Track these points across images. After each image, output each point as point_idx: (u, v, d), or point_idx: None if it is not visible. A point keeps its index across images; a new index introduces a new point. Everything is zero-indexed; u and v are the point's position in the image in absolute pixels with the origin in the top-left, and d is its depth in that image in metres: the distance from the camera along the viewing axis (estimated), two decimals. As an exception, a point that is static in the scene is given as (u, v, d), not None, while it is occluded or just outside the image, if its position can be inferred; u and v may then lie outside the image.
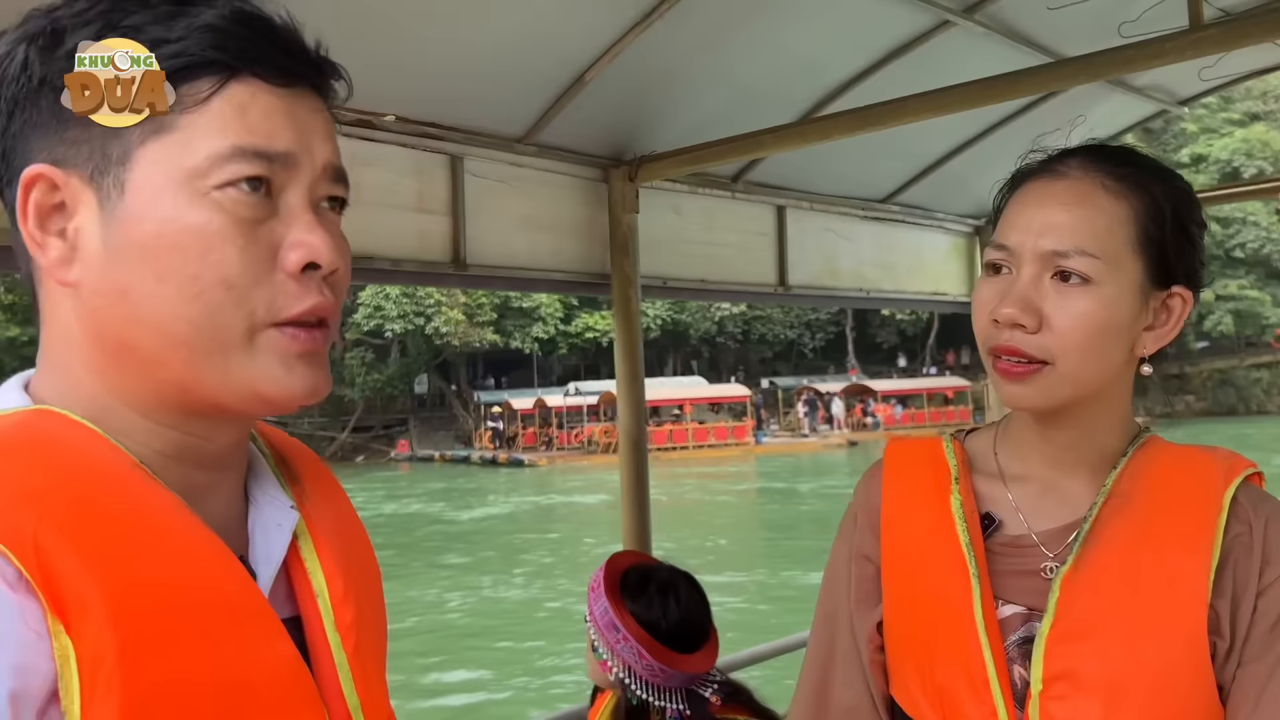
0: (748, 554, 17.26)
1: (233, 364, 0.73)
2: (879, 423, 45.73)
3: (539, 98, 2.73)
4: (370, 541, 0.94)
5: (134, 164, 0.72)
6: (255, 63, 0.73)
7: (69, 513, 0.65)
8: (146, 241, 0.71)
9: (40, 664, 0.62)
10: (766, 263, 3.51)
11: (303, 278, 0.74)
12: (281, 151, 0.73)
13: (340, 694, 0.80)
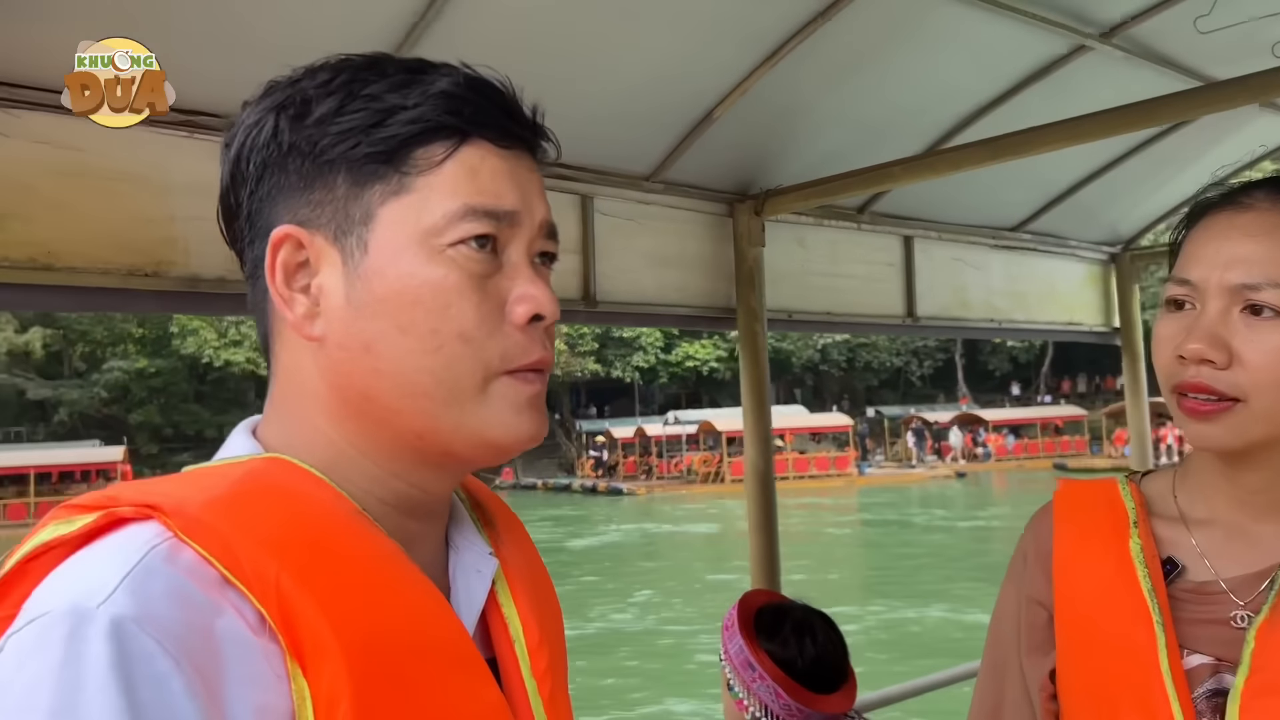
0: (860, 588, 16.93)
1: (467, 412, 0.76)
2: (990, 453, 44.41)
3: (667, 136, 2.77)
4: (553, 586, 0.96)
5: (376, 223, 0.76)
6: (485, 127, 0.77)
7: (306, 558, 0.68)
8: (389, 297, 0.75)
9: (280, 704, 0.64)
10: (894, 294, 3.48)
11: (528, 329, 0.78)
12: (508, 210, 0.77)
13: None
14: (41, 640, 0.60)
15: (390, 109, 0.76)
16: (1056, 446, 45.39)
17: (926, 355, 52.77)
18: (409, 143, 0.75)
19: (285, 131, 0.76)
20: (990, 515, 27.82)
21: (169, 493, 0.69)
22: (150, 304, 2.09)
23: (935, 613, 14.20)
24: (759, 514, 2.97)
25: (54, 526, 0.69)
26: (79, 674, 0.59)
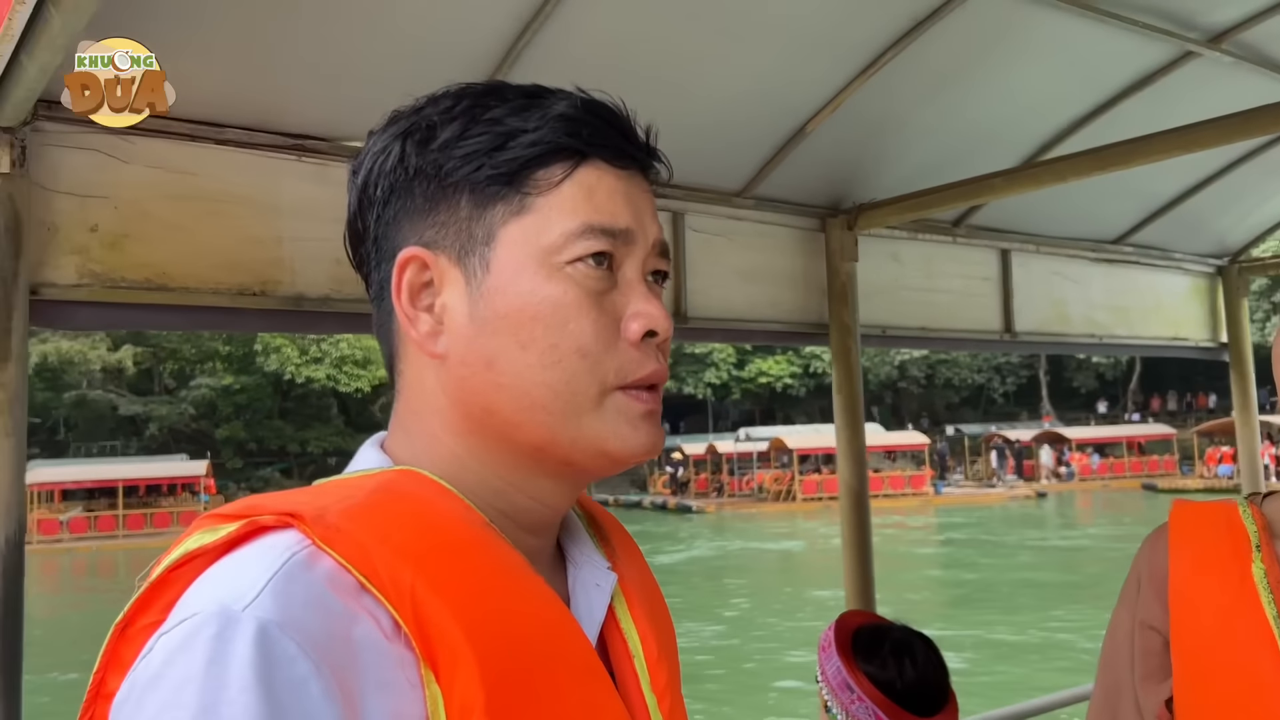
0: (945, 608, 16.60)
1: (584, 425, 0.78)
2: (1074, 473, 43.17)
3: (759, 151, 2.77)
4: (666, 603, 0.96)
5: (497, 243, 0.78)
6: (601, 147, 0.79)
7: (440, 567, 0.70)
8: (510, 314, 0.77)
9: (414, 711, 0.65)
10: (991, 309, 3.41)
11: (643, 345, 0.79)
12: (623, 229, 0.79)
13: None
14: (190, 640, 0.62)
15: (511, 132, 0.78)
16: (1144, 466, 43.87)
17: (1009, 372, 51.56)
18: (529, 164, 0.78)
19: (411, 156, 0.79)
20: (1078, 535, 27.04)
21: (308, 502, 0.71)
22: (258, 323, 2.16)
23: (1034, 637, 13.87)
24: (853, 532, 2.93)
25: (199, 535, 0.71)
26: (223, 673, 0.61)
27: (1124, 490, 40.88)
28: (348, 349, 41.65)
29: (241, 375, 42.22)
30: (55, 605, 19.95)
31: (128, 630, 0.69)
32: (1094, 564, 20.94)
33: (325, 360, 41.40)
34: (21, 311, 1.79)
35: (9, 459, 1.73)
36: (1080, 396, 53.16)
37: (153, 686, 0.62)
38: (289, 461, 43.46)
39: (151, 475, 35.71)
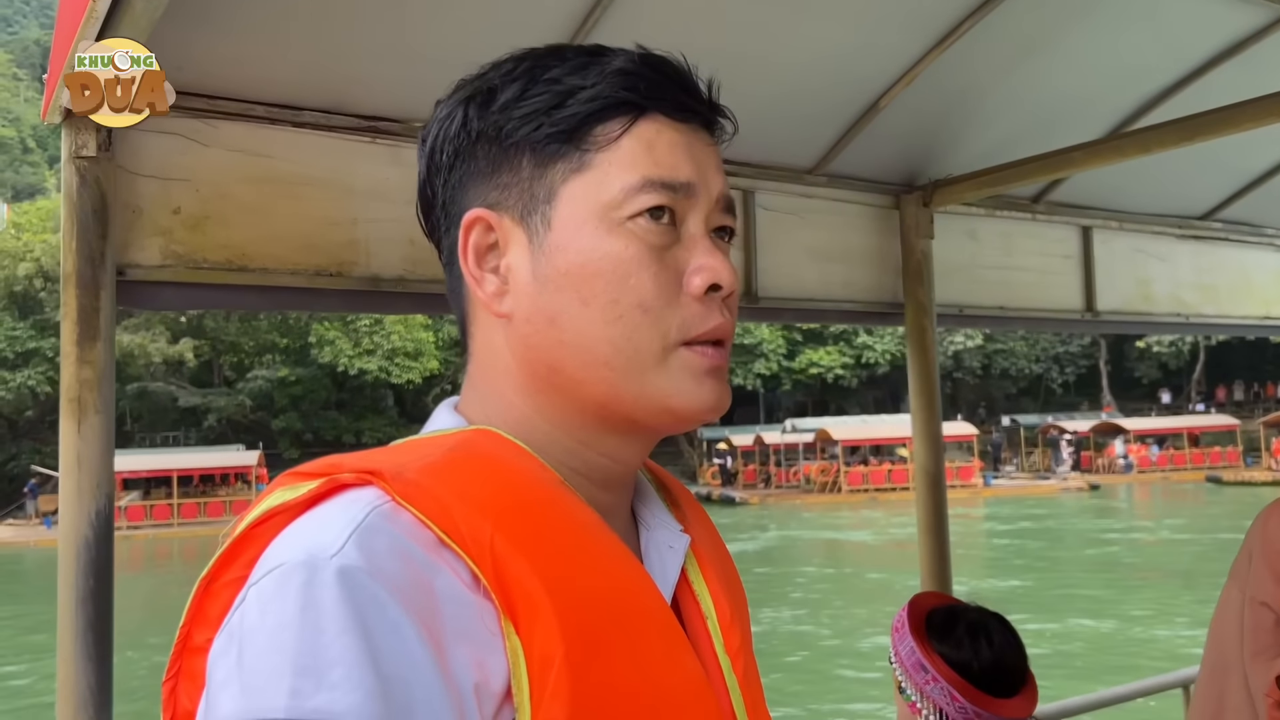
0: (1019, 596, 16.34)
1: (648, 381, 0.78)
2: (1133, 464, 42.30)
3: (831, 127, 2.73)
4: (737, 570, 0.96)
5: (558, 201, 0.79)
6: (659, 101, 0.80)
7: (518, 523, 0.70)
8: (571, 270, 0.78)
9: (495, 662, 0.66)
10: (1071, 288, 3.33)
11: (706, 299, 0.79)
12: (683, 182, 0.79)
13: (733, 715, 0.81)
14: (281, 589, 0.64)
15: (569, 90, 0.79)
16: (1205, 458, 42.85)
17: (1068, 361, 50.42)
18: (587, 120, 0.78)
19: (473, 120, 0.81)
20: (1139, 528, 26.43)
21: (386, 460, 0.72)
22: (335, 303, 2.20)
23: (1108, 626, 13.59)
24: (929, 516, 2.89)
25: (279, 493, 0.73)
26: (318, 618, 0.62)
27: (1185, 482, 40.01)
28: (399, 341, 42.49)
29: (297, 368, 43.03)
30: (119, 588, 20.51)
31: (212, 586, 0.71)
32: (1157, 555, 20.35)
33: (377, 352, 42.26)
34: (109, 292, 1.84)
35: (99, 435, 1.79)
36: (1142, 386, 52.19)
37: (249, 636, 0.63)
38: (344, 450, 44.27)
39: (206, 465, 36.81)
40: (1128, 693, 3.23)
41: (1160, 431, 44.55)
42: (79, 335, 1.80)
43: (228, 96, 2.01)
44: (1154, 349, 49.39)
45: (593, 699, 0.66)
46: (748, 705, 0.83)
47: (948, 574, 2.85)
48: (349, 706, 0.59)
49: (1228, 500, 32.58)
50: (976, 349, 49.02)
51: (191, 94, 1.97)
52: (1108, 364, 50.87)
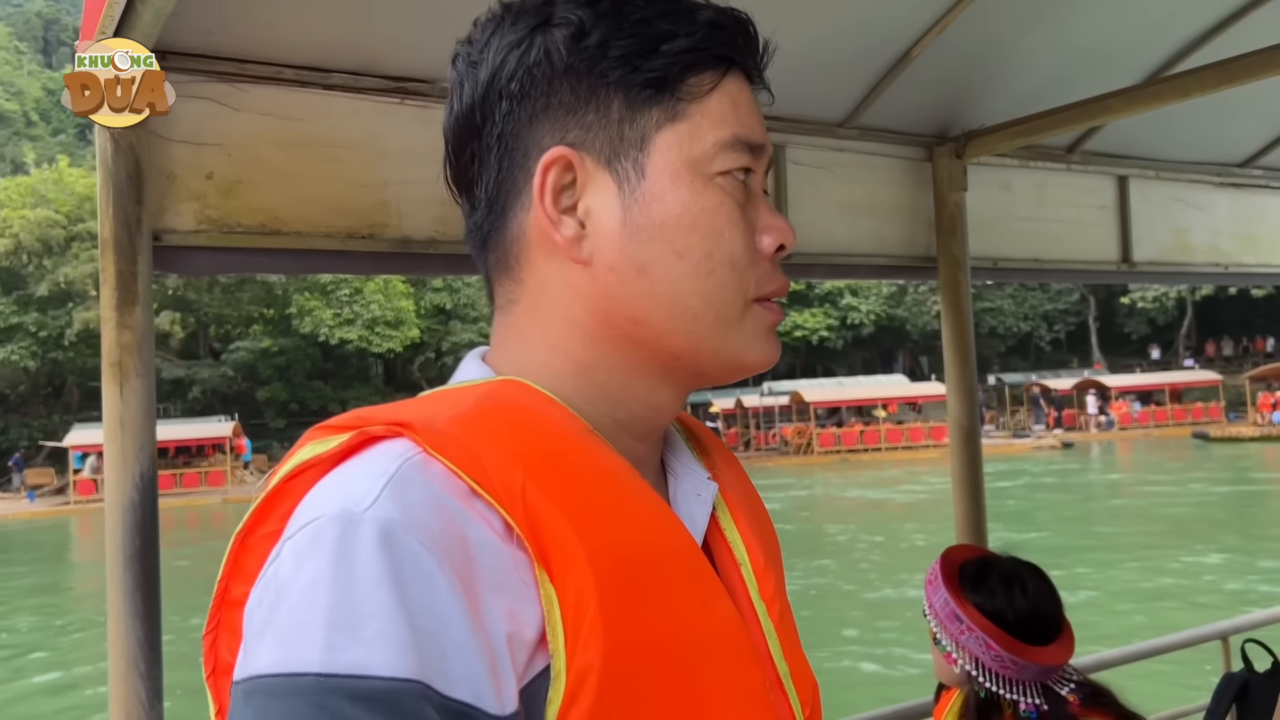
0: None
1: (729, 336, 0.80)
2: (1113, 421, 42.44)
3: (861, 80, 2.70)
4: (770, 517, 0.96)
5: (652, 149, 0.78)
6: (745, 60, 0.81)
7: (549, 470, 0.70)
8: (668, 221, 0.77)
9: (529, 611, 0.66)
10: (1107, 239, 3.28)
11: (774, 258, 0.82)
12: (760, 143, 0.81)
13: (770, 660, 0.82)
14: (315, 543, 0.63)
15: (662, 35, 0.77)
16: (1188, 414, 43.14)
17: (1056, 319, 50.14)
18: (685, 70, 0.78)
19: (560, 51, 0.77)
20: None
21: (416, 412, 0.72)
22: (366, 265, 2.20)
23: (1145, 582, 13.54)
24: (964, 470, 2.88)
25: (311, 446, 0.73)
26: (352, 571, 0.62)
27: (1168, 438, 40.07)
28: (378, 310, 42.59)
29: (281, 338, 43.23)
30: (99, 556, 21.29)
31: (247, 540, 0.71)
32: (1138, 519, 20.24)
33: (357, 322, 42.38)
34: (146, 257, 1.85)
35: (140, 397, 1.81)
36: (1133, 343, 52.18)
37: (284, 590, 0.63)
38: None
39: (180, 437, 37.18)
40: (1166, 644, 3.22)
41: (1142, 388, 44.88)
42: (118, 300, 1.81)
43: (257, 60, 2.01)
44: (1139, 305, 49.22)
45: (626, 644, 0.66)
46: (785, 649, 0.83)
47: (983, 528, 2.84)
48: (383, 661, 0.60)
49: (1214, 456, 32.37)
50: None
51: (221, 58, 1.97)
52: (1097, 320, 50.73)
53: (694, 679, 0.70)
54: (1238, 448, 35.33)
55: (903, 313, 49.45)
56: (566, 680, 0.65)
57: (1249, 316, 49.95)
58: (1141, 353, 51.85)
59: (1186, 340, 51.45)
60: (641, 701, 0.66)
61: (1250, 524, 19.18)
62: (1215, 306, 49.91)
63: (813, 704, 0.85)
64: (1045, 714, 1.87)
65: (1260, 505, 22.40)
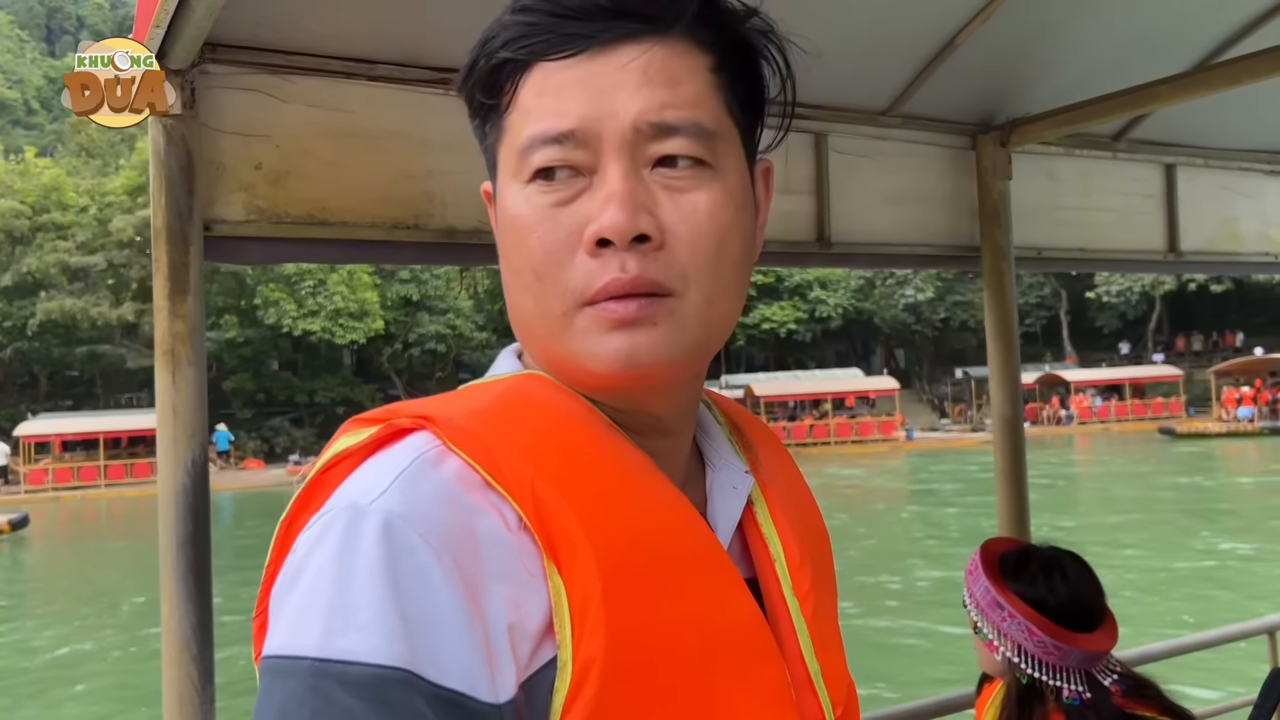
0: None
1: (563, 346, 0.75)
2: (1073, 416, 42.54)
3: (905, 67, 2.66)
4: (820, 512, 0.95)
5: (498, 168, 0.81)
6: (531, 47, 0.77)
7: (560, 465, 0.70)
8: (501, 240, 0.80)
9: (535, 601, 0.67)
10: (1154, 228, 3.22)
11: (603, 254, 0.72)
12: (565, 130, 0.77)
13: (800, 658, 0.80)
14: (324, 534, 0.66)
15: (477, 54, 0.77)
16: (1148, 409, 43.24)
17: (1027, 312, 49.89)
18: (489, 82, 0.76)
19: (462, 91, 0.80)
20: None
21: (439, 407, 0.73)
22: (412, 255, 2.21)
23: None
24: (1007, 461, 2.85)
25: (345, 438, 0.75)
26: (352, 562, 0.64)
27: (1128, 433, 40.04)
28: (342, 301, 42.56)
29: (246, 329, 43.41)
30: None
31: (291, 528, 0.73)
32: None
33: (321, 313, 42.39)
34: (197, 247, 1.87)
35: (192, 384, 1.83)
36: (1105, 337, 52.03)
37: (296, 577, 0.66)
38: (299, 412, 45.00)
39: (132, 427, 37.71)
40: (1211, 639, 3.16)
41: (1103, 383, 44.96)
42: (170, 290, 1.83)
43: (304, 52, 2.02)
44: (1102, 299, 49.42)
45: (630, 636, 0.66)
46: (817, 647, 0.81)
47: (1026, 519, 2.81)
48: (373, 648, 0.61)
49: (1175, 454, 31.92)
50: (937, 300, 49.18)
51: (269, 50, 1.98)
52: (1069, 315, 50.65)
53: (706, 674, 0.69)
54: (1203, 444, 35.01)
55: (870, 305, 49.53)
56: (572, 671, 0.65)
57: (1222, 311, 49.98)
58: (1113, 346, 51.85)
59: (1156, 335, 51.52)
60: (647, 694, 0.66)
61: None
62: (1187, 301, 50.22)
63: (845, 703, 0.83)
64: (1088, 702, 1.85)
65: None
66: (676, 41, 0.74)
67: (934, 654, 10.46)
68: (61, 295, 41.27)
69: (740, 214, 0.77)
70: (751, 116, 0.81)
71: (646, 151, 0.73)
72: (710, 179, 0.74)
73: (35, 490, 35.19)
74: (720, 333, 0.78)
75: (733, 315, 0.79)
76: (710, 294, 0.74)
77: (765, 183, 0.86)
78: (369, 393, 46.01)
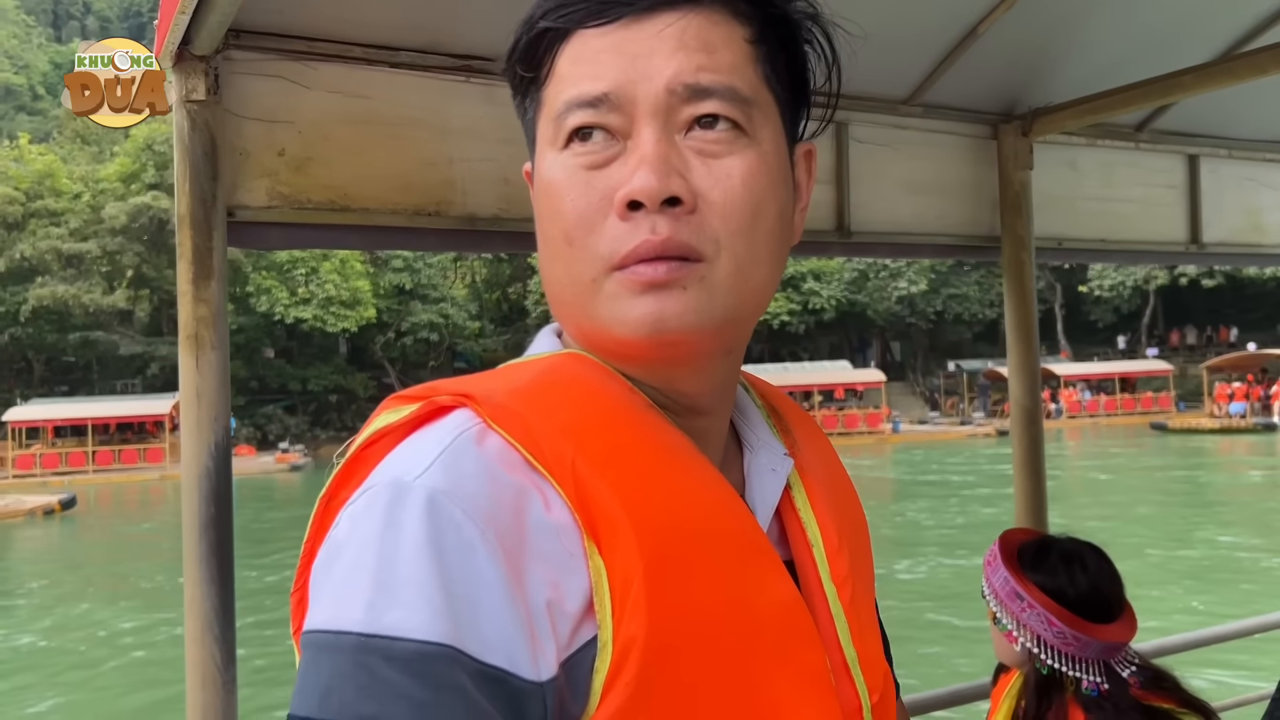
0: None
1: (592, 314, 0.77)
2: (1062, 410, 43.02)
3: (926, 56, 2.70)
4: (858, 497, 0.96)
5: (536, 139, 0.84)
6: (569, 16, 0.80)
7: (600, 444, 0.72)
8: (538, 208, 0.82)
9: (575, 581, 0.68)
10: (1176, 219, 3.26)
11: (634, 217, 0.74)
12: (601, 93, 0.79)
13: (838, 643, 0.81)
14: (368, 509, 0.67)
15: (521, 28, 0.80)
16: (1137, 403, 44.04)
17: None
18: (529, 57, 0.79)
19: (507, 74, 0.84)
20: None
21: (480, 385, 0.75)
22: (433, 242, 2.26)
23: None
24: (1025, 453, 2.89)
25: (385, 415, 0.77)
26: (397, 537, 0.65)
27: (1117, 428, 40.35)
28: (333, 290, 43.15)
29: (239, 316, 43.70)
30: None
31: (330, 504, 0.74)
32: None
33: (313, 301, 42.98)
34: (221, 232, 1.92)
35: (215, 369, 1.88)
36: (1100, 331, 52.70)
37: (339, 552, 0.67)
38: (291, 399, 45.62)
39: (120, 414, 38.82)
40: (1233, 631, 3.21)
41: (1093, 377, 45.66)
42: (194, 275, 1.88)
43: (326, 39, 2.07)
44: (1094, 294, 49.98)
45: (671, 617, 0.68)
46: (853, 632, 0.83)
47: (1043, 510, 2.86)
48: (418, 624, 0.63)
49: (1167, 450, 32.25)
50: (931, 293, 49.69)
51: (292, 36, 2.03)
52: (1063, 308, 51.09)
53: (746, 656, 0.70)
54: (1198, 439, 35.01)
55: (864, 298, 49.91)
56: (613, 651, 0.66)
57: (1218, 306, 50.35)
58: (1109, 341, 52.42)
59: (1151, 329, 51.99)
60: (687, 674, 0.68)
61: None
62: (1181, 295, 50.62)
63: (882, 690, 0.84)
64: (1106, 693, 1.89)
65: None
66: (713, 10, 0.76)
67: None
68: (54, 282, 41.61)
69: (776, 186, 0.78)
70: (792, 94, 0.82)
71: (680, 115, 0.74)
72: (745, 145, 0.75)
73: (23, 475, 35.73)
74: (754, 305, 0.78)
75: (766, 288, 0.78)
76: (742, 261, 0.75)
77: (807, 165, 0.86)
78: (362, 381, 46.70)
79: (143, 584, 17.37)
